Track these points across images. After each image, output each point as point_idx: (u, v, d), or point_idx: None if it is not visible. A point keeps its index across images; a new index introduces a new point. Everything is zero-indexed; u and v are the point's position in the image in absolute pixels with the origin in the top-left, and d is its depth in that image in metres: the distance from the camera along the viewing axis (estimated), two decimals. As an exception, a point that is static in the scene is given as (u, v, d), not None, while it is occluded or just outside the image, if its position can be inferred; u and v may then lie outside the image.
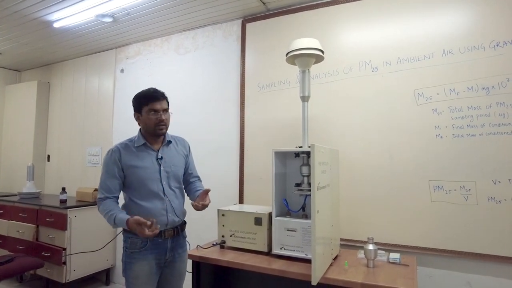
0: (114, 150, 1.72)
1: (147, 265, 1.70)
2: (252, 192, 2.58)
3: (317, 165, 1.48)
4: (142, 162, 1.73)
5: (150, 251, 1.70)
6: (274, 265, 1.74)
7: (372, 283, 1.50)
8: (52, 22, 2.83)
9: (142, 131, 1.80)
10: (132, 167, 1.71)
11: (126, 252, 1.73)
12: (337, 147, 2.17)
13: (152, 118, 1.70)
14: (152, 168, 1.74)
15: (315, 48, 1.89)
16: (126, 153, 1.72)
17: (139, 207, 1.70)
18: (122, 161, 1.70)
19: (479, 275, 1.88)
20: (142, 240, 1.67)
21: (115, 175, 1.70)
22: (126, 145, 1.75)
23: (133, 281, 1.70)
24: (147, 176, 1.72)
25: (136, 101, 1.77)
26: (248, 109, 2.63)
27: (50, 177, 3.98)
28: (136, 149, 1.74)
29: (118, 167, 1.70)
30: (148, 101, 1.71)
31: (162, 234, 1.72)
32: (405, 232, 2.04)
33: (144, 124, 1.75)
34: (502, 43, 1.87)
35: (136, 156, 1.73)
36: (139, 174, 1.71)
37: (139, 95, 1.77)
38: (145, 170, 1.72)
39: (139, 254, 1.70)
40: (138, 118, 1.77)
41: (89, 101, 3.69)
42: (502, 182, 1.84)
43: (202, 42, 2.92)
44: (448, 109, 1.98)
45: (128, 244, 1.72)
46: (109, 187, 1.70)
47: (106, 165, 1.72)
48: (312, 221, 1.46)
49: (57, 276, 2.90)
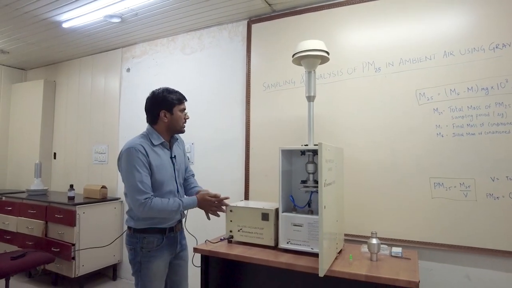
0: (138, 148, 1.64)
1: (163, 262, 1.73)
2: (258, 189, 2.65)
3: (324, 163, 1.55)
4: (162, 162, 1.72)
5: (167, 247, 1.74)
6: (281, 259, 1.81)
7: (375, 275, 1.57)
8: (61, 23, 2.88)
9: (159, 129, 1.77)
10: (155, 167, 1.68)
11: (142, 251, 1.69)
12: (341, 145, 2.24)
13: (182, 117, 1.77)
14: (169, 167, 1.76)
15: (321, 50, 1.95)
16: (149, 150, 1.68)
17: None
18: (149, 158, 1.66)
19: (477, 268, 1.96)
20: (158, 237, 1.71)
21: (147, 171, 1.65)
22: (145, 143, 1.69)
23: (151, 279, 1.69)
24: (167, 176, 1.73)
25: (165, 100, 1.74)
26: (253, 108, 2.70)
27: (56, 174, 4.05)
28: (155, 148, 1.72)
29: (147, 164, 1.65)
30: (180, 100, 1.78)
31: (174, 229, 1.79)
32: (406, 227, 2.11)
33: (174, 122, 1.75)
34: (501, 45, 1.94)
35: (157, 155, 1.71)
36: (162, 173, 1.70)
37: (169, 95, 1.75)
38: (166, 170, 1.73)
39: (156, 252, 1.70)
40: (165, 115, 1.74)
41: (95, 99, 3.75)
42: (500, 179, 1.91)
43: (208, 42, 2.98)
44: (449, 109, 2.05)
45: (144, 243, 1.69)
46: (148, 184, 1.63)
47: (136, 162, 1.61)
48: (319, 216, 1.53)
49: (66, 271, 2.97)
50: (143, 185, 1.60)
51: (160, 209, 1.63)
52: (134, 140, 1.71)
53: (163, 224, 1.73)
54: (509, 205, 1.88)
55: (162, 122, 1.75)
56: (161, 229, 1.73)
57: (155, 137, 1.74)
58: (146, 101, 1.81)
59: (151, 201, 1.61)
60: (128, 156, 1.63)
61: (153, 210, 1.61)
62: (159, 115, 1.74)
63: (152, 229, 1.71)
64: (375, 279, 1.56)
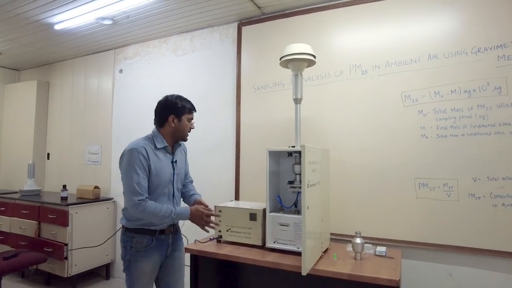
0: (140, 150, 1.68)
1: (152, 262, 1.75)
2: (248, 189, 2.69)
3: (307, 164, 1.59)
4: (163, 165, 1.76)
5: (155, 248, 1.76)
6: (268, 258, 1.85)
7: (358, 273, 1.62)
8: (53, 24, 2.91)
9: (163, 133, 1.81)
10: (154, 169, 1.71)
11: (131, 250, 1.74)
12: (328, 146, 2.28)
13: (188, 126, 1.83)
14: (168, 171, 1.79)
15: (307, 53, 2.00)
16: (150, 153, 1.71)
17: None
18: (150, 161, 1.70)
19: (459, 266, 2.01)
20: (147, 238, 1.73)
21: (146, 174, 1.69)
22: (147, 145, 1.73)
23: (138, 278, 1.73)
24: (165, 179, 1.76)
25: (176, 106, 1.79)
26: (244, 109, 2.73)
27: (50, 175, 4.07)
28: (157, 151, 1.76)
29: (147, 167, 1.69)
30: (191, 110, 1.84)
31: (165, 231, 1.80)
32: (392, 227, 2.16)
33: (179, 128, 1.80)
34: (483, 49, 1.99)
35: (158, 158, 1.75)
36: (160, 176, 1.74)
37: (181, 102, 1.80)
38: (165, 173, 1.76)
39: (145, 252, 1.73)
40: (173, 121, 1.78)
41: (88, 100, 3.77)
42: (481, 179, 1.96)
43: (200, 44, 3.02)
44: (433, 110, 2.10)
45: (134, 243, 1.73)
46: (145, 186, 1.67)
47: (136, 164, 1.66)
48: (302, 216, 1.57)
49: (59, 270, 3.00)
50: (140, 186, 1.65)
51: (152, 213, 1.66)
52: (138, 141, 1.75)
53: (153, 226, 1.75)
54: (489, 204, 1.93)
55: (169, 127, 1.79)
56: (151, 231, 1.75)
57: (159, 140, 1.78)
58: (158, 104, 1.84)
59: (145, 204, 1.65)
60: (130, 157, 1.67)
61: (146, 212, 1.66)
62: (168, 119, 1.78)
63: (142, 229, 1.74)
64: (357, 278, 1.61)
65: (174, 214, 1.71)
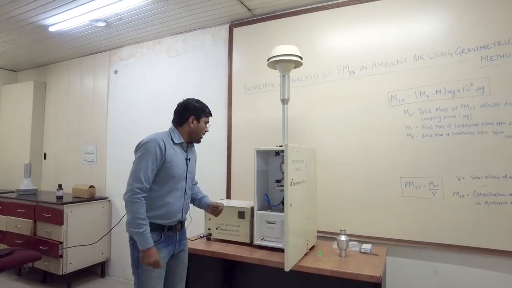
0: (159, 140, 1.71)
1: (161, 259, 1.71)
2: (239, 188, 2.73)
3: (291, 163, 1.63)
4: (178, 159, 1.79)
5: (164, 244, 1.74)
6: (255, 255, 1.90)
7: (340, 270, 1.66)
8: (48, 26, 2.95)
9: (181, 131, 1.85)
10: (170, 162, 1.73)
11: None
12: (316, 145, 2.32)
13: (204, 128, 1.90)
14: (183, 167, 1.82)
15: (294, 55, 2.04)
16: (168, 146, 1.74)
17: (160, 201, 1.72)
18: (166, 154, 1.72)
19: (444, 263, 2.05)
20: (155, 234, 1.70)
21: (156, 165, 1.69)
22: (166, 139, 1.76)
23: (147, 275, 1.69)
24: (179, 173, 1.79)
25: (199, 109, 1.87)
26: (235, 109, 2.78)
27: (47, 174, 4.11)
28: (174, 145, 1.79)
29: (161, 158, 1.70)
30: (208, 114, 1.92)
31: (173, 228, 1.78)
32: (378, 225, 2.20)
33: (196, 130, 1.86)
34: (466, 50, 2.03)
35: (175, 152, 1.78)
36: (175, 170, 1.76)
37: (202, 106, 1.89)
38: (179, 168, 1.79)
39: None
40: (192, 122, 1.84)
41: (84, 101, 3.81)
42: (465, 178, 2.00)
43: (192, 45, 3.06)
44: (419, 110, 2.13)
45: None
46: (149, 176, 1.68)
47: (150, 153, 1.67)
48: (285, 214, 1.61)
49: (54, 268, 3.04)
50: (145, 175, 1.65)
51: (135, 211, 1.62)
52: (158, 134, 1.78)
53: (162, 220, 1.73)
54: (473, 203, 1.97)
55: (188, 127, 1.85)
56: (159, 226, 1.72)
57: (176, 136, 1.82)
58: (178, 105, 1.90)
59: (141, 198, 1.63)
60: (147, 146, 1.69)
61: (133, 205, 1.62)
62: (188, 119, 1.84)
63: (151, 224, 1.69)
64: (340, 274, 1.65)
65: (142, 234, 1.61)
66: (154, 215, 1.71)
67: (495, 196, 1.93)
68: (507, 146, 1.91)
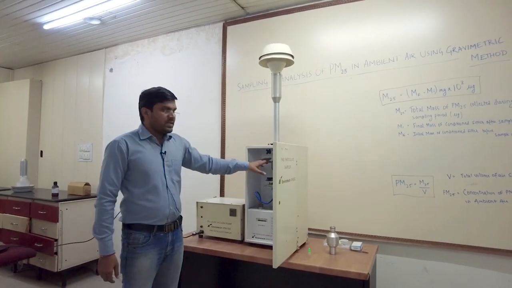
0: (120, 141, 1.66)
1: (149, 260, 1.67)
2: (233, 186, 2.74)
3: (280, 161, 1.64)
4: (148, 155, 1.71)
5: (153, 245, 1.68)
6: (245, 252, 1.91)
7: (329, 267, 1.67)
8: (42, 24, 2.95)
9: (146, 126, 1.78)
10: (138, 160, 1.67)
11: (128, 248, 1.67)
12: (308, 144, 2.33)
13: (163, 115, 1.73)
14: (156, 161, 1.73)
15: (285, 53, 2.04)
16: (132, 144, 1.68)
17: (142, 201, 1.67)
18: (129, 153, 1.66)
19: (434, 261, 2.07)
20: (144, 235, 1.66)
21: (120, 167, 1.65)
22: (131, 137, 1.72)
23: (135, 277, 1.65)
24: (152, 169, 1.70)
25: (147, 97, 1.75)
26: (228, 107, 2.78)
27: (43, 172, 4.13)
28: (141, 142, 1.72)
29: (124, 159, 1.65)
30: (162, 99, 1.74)
31: (164, 228, 1.71)
32: (369, 222, 2.21)
33: (154, 120, 1.74)
34: (457, 48, 2.03)
35: (142, 148, 1.71)
36: (145, 166, 1.68)
37: (152, 92, 1.76)
38: (151, 163, 1.70)
39: (142, 249, 1.66)
40: (146, 113, 1.75)
41: (80, 99, 3.82)
42: (455, 176, 2.01)
43: (187, 43, 3.06)
44: (410, 109, 2.14)
45: (131, 239, 1.66)
46: (113, 180, 1.64)
47: (112, 156, 1.64)
48: (273, 212, 1.62)
49: (49, 265, 3.06)
50: (108, 178, 1.63)
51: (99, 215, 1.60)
52: (121, 135, 1.74)
53: (149, 220, 1.67)
54: (463, 201, 1.98)
55: (147, 119, 1.76)
56: (148, 226, 1.67)
57: (142, 132, 1.76)
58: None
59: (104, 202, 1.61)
60: (109, 149, 1.68)
61: (98, 208, 1.61)
62: (142, 111, 1.77)
63: (138, 225, 1.67)
64: (328, 271, 1.66)
65: (103, 240, 1.59)
66: (140, 216, 1.67)
67: (485, 195, 1.94)
68: (496, 145, 1.92)
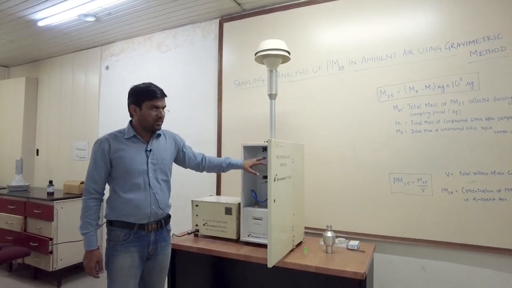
0: (103, 140, 1.69)
1: (130, 258, 1.66)
2: (229, 184, 2.72)
3: (274, 159, 1.62)
4: (130, 153, 1.70)
5: (133, 243, 1.67)
6: (241, 251, 1.88)
7: (325, 266, 1.64)
8: (37, 21, 2.92)
9: (134, 123, 1.77)
10: (119, 158, 1.68)
11: (109, 244, 1.69)
12: (305, 141, 2.30)
13: (152, 114, 1.70)
14: (139, 159, 1.71)
15: (281, 49, 2.01)
16: (115, 143, 1.69)
17: (123, 198, 1.68)
18: (110, 152, 1.67)
19: (432, 260, 2.04)
20: (125, 232, 1.66)
21: (102, 165, 1.67)
22: (116, 135, 1.72)
23: (116, 274, 1.65)
24: (133, 167, 1.69)
25: (136, 94, 1.73)
26: (225, 105, 2.75)
27: (39, 170, 4.10)
28: (126, 140, 1.72)
29: (106, 158, 1.67)
30: (152, 97, 1.70)
31: (146, 227, 1.69)
32: (367, 221, 2.18)
33: (142, 118, 1.71)
34: (456, 45, 2.00)
35: (126, 147, 1.70)
36: (126, 164, 1.68)
37: (140, 89, 1.73)
38: (132, 161, 1.69)
39: (121, 246, 1.66)
40: (134, 110, 1.73)
41: (76, 96, 3.79)
42: (454, 174, 1.98)
43: (182, 40, 3.03)
44: (408, 106, 2.11)
45: (112, 236, 1.69)
46: (96, 178, 1.68)
47: (95, 155, 1.68)
48: (268, 210, 1.59)
49: (44, 265, 3.03)
50: (90, 176, 1.70)
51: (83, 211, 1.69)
52: (107, 133, 1.75)
53: (130, 218, 1.67)
54: (461, 199, 1.95)
55: (136, 117, 1.74)
56: (128, 224, 1.67)
57: (127, 130, 1.75)
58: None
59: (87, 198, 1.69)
60: (93, 148, 1.72)
61: (83, 205, 1.69)
62: (130, 109, 1.75)
63: (119, 222, 1.68)
64: (324, 271, 1.63)
65: (86, 235, 1.68)
66: (122, 213, 1.69)
67: (483, 193, 1.91)
68: (495, 142, 1.89)
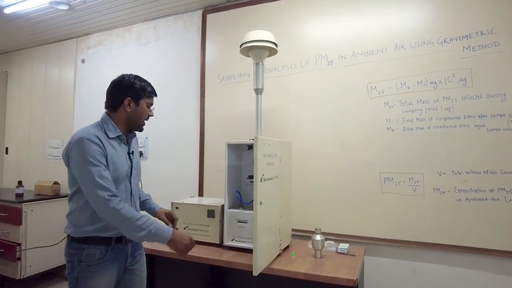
0: (93, 139, 1.36)
1: (108, 277, 1.43)
2: (212, 185, 2.57)
3: (261, 157, 1.49)
4: (119, 157, 1.46)
5: (111, 260, 1.44)
6: (224, 257, 1.75)
7: (314, 273, 1.53)
8: (2, 8, 2.69)
9: (116, 119, 1.51)
10: (112, 162, 1.41)
11: (80, 265, 1.39)
12: (292, 139, 2.19)
13: (146, 112, 1.53)
14: (125, 164, 1.49)
15: (268, 41, 1.89)
16: (105, 143, 1.41)
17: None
18: (106, 151, 1.39)
19: (423, 262, 1.96)
20: (101, 250, 1.40)
21: (106, 164, 1.38)
22: (100, 134, 1.42)
23: None
24: (122, 173, 1.46)
25: (138, 88, 1.50)
26: (208, 101, 2.61)
27: (8, 170, 3.84)
28: (111, 140, 1.45)
29: (104, 157, 1.38)
30: (151, 93, 1.54)
31: (122, 239, 1.47)
32: (356, 222, 2.09)
33: (136, 114, 1.51)
34: (449, 39, 1.93)
35: (114, 149, 1.45)
36: (118, 171, 1.43)
37: (144, 83, 1.53)
38: (121, 166, 1.46)
39: (98, 266, 1.40)
40: (129, 104, 1.48)
41: (49, 92, 3.56)
42: (446, 173, 1.91)
43: (164, 32, 2.87)
44: (399, 102, 2.03)
45: (83, 256, 1.39)
46: (107, 177, 1.36)
47: (92, 155, 1.34)
48: (254, 213, 1.47)
49: (11, 272, 2.81)
50: (104, 179, 1.34)
51: (129, 218, 1.32)
52: (86, 129, 1.42)
53: (108, 232, 1.41)
54: (454, 199, 1.88)
55: (123, 111, 1.49)
56: (106, 239, 1.42)
57: (111, 128, 1.47)
58: (111, 84, 1.53)
59: (114, 203, 1.32)
60: (81, 147, 1.34)
61: (120, 214, 1.32)
62: (123, 102, 1.48)
63: (95, 238, 1.40)
64: (314, 277, 1.53)
65: (154, 229, 1.34)
66: (97, 227, 1.40)
67: (476, 192, 1.85)
68: (488, 140, 1.82)
